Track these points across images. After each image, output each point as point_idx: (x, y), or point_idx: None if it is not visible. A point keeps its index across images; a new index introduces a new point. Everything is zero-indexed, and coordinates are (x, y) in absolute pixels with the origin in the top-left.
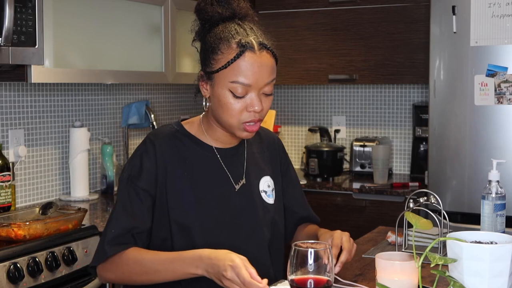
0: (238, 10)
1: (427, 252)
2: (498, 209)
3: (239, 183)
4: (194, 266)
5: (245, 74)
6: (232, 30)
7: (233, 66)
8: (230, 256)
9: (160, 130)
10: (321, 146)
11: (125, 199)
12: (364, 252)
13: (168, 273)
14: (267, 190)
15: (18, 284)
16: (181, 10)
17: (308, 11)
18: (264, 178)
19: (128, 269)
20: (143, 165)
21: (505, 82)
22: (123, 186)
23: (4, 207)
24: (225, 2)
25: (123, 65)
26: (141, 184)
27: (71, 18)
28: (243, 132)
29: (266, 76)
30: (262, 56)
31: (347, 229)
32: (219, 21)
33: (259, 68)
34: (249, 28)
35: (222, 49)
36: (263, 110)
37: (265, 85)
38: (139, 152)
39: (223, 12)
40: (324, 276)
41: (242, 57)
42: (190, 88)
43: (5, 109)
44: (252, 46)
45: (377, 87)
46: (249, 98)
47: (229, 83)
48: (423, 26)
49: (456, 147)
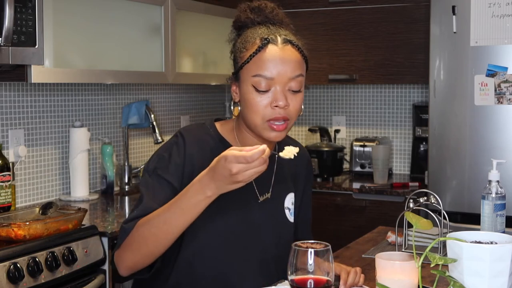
0: (271, 17)
1: (427, 252)
2: (498, 209)
3: (263, 196)
4: (200, 192)
5: (267, 66)
6: (261, 30)
7: (255, 60)
8: (219, 158)
9: (193, 128)
10: (321, 146)
11: (149, 188)
12: (364, 252)
13: (177, 216)
14: (291, 208)
15: (18, 284)
16: (181, 10)
17: (308, 11)
18: (290, 195)
19: (141, 235)
20: (172, 158)
21: (505, 82)
22: (148, 177)
23: (4, 207)
24: (258, 9)
25: (123, 65)
26: (166, 176)
27: (71, 18)
28: (270, 132)
29: (290, 70)
30: (285, 49)
31: (347, 229)
32: (249, 26)
33: (282, 61)
34: (280, 29)
35: (247, 46)
36: (289, 107)
37: (290, 80)
38: (168, 145)
39: (255, 18)
40: (324, 276)
41: (263, 50)
42: (190, 88)
43: (5, 109)
44: (274, 39)
45: (377, 87)
46: (272, 93)
47: (251, 78)
48: (423, 26)
49: (456, 147)
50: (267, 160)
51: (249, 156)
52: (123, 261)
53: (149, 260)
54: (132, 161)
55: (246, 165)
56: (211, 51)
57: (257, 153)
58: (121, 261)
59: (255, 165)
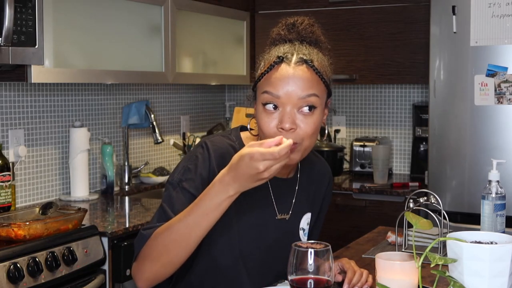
0: (305, 34)
1: (427, 252)
2: (498, 209)
3: (282, 215)
4: (222, 192)
5: (275, 84)
6: (284, 47)
7: (266, 77)
8: (242, 156)
9: (218, 140)
10: (321, 146)
11: (170, 200)
12: (364, 252)
13: (199, 218)
14: (305, 228)
15: (18, 284)
16: (181, 10)
17: (308, 11)
18: (306, 215)
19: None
20: (198, 170)
21: (505, 82)
22: (172, 190)
23: (4, 207)
24: (292, 25)
25: (123, 65)
26: (192, 189)
27: (71, 18)
28: None
29: (301, 90)
30: (296, 68)
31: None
32: (278, 42)
33: (291, 80)
34: (301, 47)
35: (265, 63)
36: (297, 130)
37: (300, 101)
38: (194, 156)
39: (286, 35)
40: (324, 276)
41: (276, 68)
42: (190, 88)
43: (5, 109)
44: (290, 58)
45: (377, 87)
46: (280, 113)
47: (260, 95)
48: (423, 26)
49: (456, 147)
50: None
51: (277, 152)
52: (142, 273)
53: (170, 270)
54: (132, 161)
55: (273, 161)
56: (211, 51)
57: (284, 148)
58: (140, 273)
59: (282, 159)
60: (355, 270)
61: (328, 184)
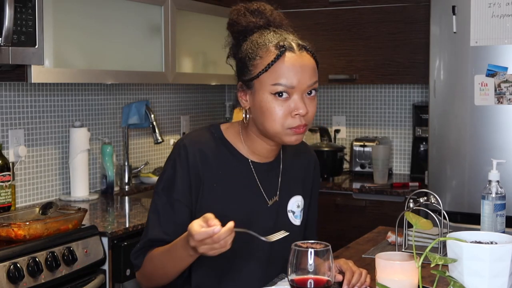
0: (272, 19)
1: (427, 252)
2: (498, 209)
3: (272, 199)
4: (184, 248)
5: (287, 75)
6: (269, 35)
7: (274, 68)
8: (189, 231)
9: (194, 134)
10: (321, 146)
11: (154, 212)
12: (364, 252)
13: (172, 263)
14: (296, 211)
15: (18, 284)
16: (181, 10)
17: (308, 11)
18: (294, 198)
19: (150, 270)
20: (176, 174)
21: (505, 82)
22: (157, 197)
23: (4, 207)
24: (258, 12)
25: (123, 65)
26: (175, 195)
27: (71, 18)
28: (292, 136)
29: (309, 78)
30: (302, 56)
31: (347, 229)
32: (254, 30)
33: (301, 68)
34: (285, 33)
35: (261, 53)
36: (309, 113)
37: (308, 87)
38: (172, 159)
39: (258, 21)
40: (324, 276)
41: (282, 58)
42: (190, 88)
43: (5, 109)
44: (291, 46)
45: (377, 87)
46: (292, 101)
47: (270, 87)
48: (423, 26)
49: (456, 147)
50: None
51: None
52: (142, 285)
53: (167, 282)
54: (132, 161)
55: (212, 240)
56: (211, 51)
57: (224, 233)
58: (141, 283)
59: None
60: (353, 270)
61: (315, 167)
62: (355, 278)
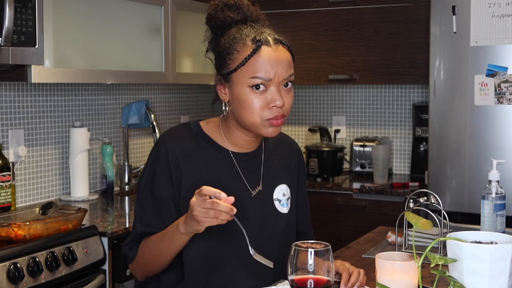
0: (249, 14)
1: (427, 252)
2: (498, 209)
3: (255, 189)
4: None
5: (264, 68)
6: (246, 30)
7: (251, 62)
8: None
9: (174, 130)
10: (321, 146)
11: (140, 206)
12: (364, 252)
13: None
14: (282, 199)
15: (18, 284)
16: (181, 10)
17: (308, 11)
18: (280, 186)
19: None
20: (156, 169)
21: (505, 82)
22: (140, 193)
23: (4, 207)
24: (236, 7)
25: (123, 65)
26: (157, 190)
27: (71, 18)
28: (268, 128)
29: (285, 71)
30: (278, 50)
31: (347, 229)
32: (231, 25)
33: (277, 62)
34: (262, 28)
35: (238, 47)
36: (285, 105)
37: (284, 80)
38: (152, 157)
39: (235, 16)
40: (324, 276)
41: (258, 52)
42: (190, 88)
43: (5, 109)
44: (267, 40)
45: (377, 87)
46: (269, 93)
47: (248, 79)
48: (423, 26)
49: (456, 147)
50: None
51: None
52: (137, 275)
53: (160, 270)
54: (132, 161)
55: (211, 209)
56: None
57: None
58: (135, 274)
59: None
60: (350, 270)
61: (299, 156)
62: (354, 276)
